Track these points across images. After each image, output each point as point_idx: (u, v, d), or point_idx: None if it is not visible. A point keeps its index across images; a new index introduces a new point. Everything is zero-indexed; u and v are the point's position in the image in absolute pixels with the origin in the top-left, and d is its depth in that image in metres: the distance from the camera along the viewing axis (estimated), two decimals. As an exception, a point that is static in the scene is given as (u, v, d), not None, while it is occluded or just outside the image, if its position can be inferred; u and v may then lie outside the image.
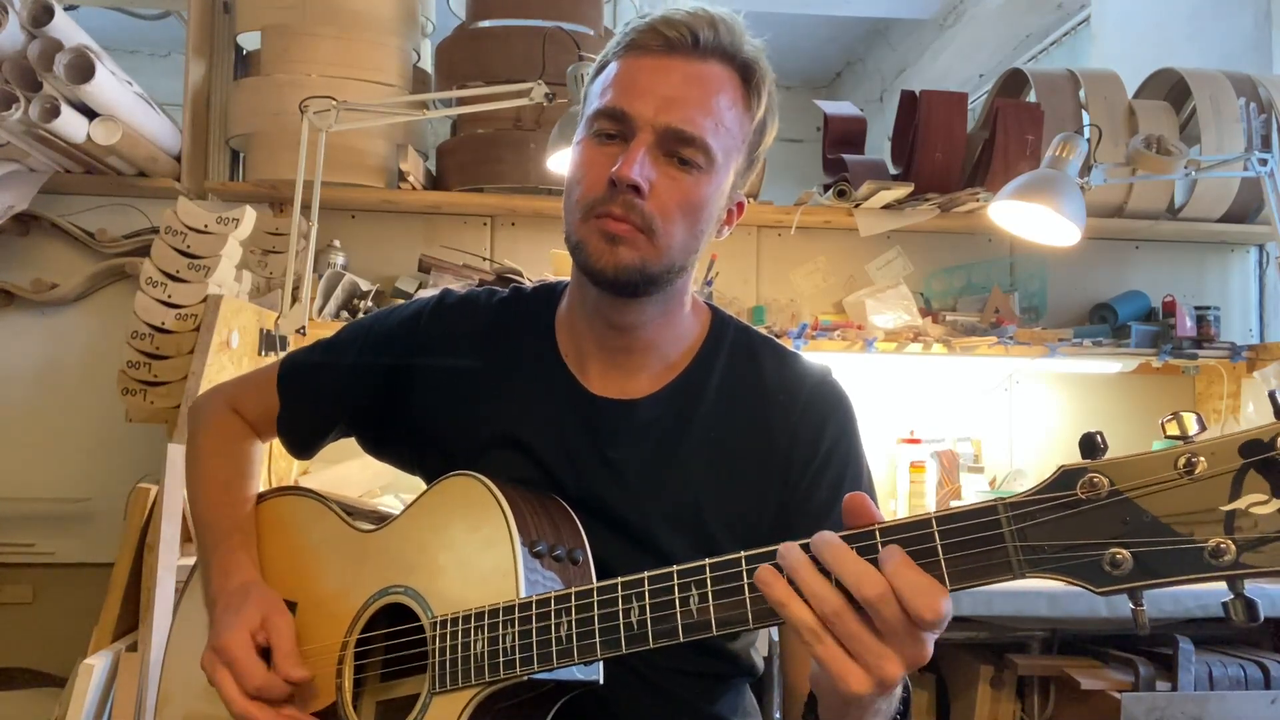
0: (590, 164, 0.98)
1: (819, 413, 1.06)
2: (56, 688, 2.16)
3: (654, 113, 0.95)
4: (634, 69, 0.98)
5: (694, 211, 0.98)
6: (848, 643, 0.70)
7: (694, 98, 0.96)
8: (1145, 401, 2.88)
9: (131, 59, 4.78)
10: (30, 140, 2.25)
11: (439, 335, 1.13)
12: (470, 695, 0.89)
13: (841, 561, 0.70)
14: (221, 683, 0.97)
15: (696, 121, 0.96)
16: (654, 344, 1.07)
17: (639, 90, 0.96)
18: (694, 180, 0.97)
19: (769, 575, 0.72)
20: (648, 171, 0.95)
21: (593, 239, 0.97)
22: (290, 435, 1.21)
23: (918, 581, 0.68)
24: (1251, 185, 2.61)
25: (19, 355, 2.56)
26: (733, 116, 0.99)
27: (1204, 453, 0.61)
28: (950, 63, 4.86)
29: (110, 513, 2.39)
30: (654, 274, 0.98)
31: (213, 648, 0.99)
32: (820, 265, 2.83)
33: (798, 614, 0.71)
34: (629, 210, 0.95)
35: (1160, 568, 0.62)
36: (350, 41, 2.48)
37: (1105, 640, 2.22)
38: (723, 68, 0.99)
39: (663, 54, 0.97)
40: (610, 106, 0.97)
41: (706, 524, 1.03)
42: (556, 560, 0.94)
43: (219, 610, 1.03)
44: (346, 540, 1.08)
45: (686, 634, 0.78)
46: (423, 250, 2.65)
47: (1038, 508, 0.66)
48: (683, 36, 0.97)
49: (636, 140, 0.95)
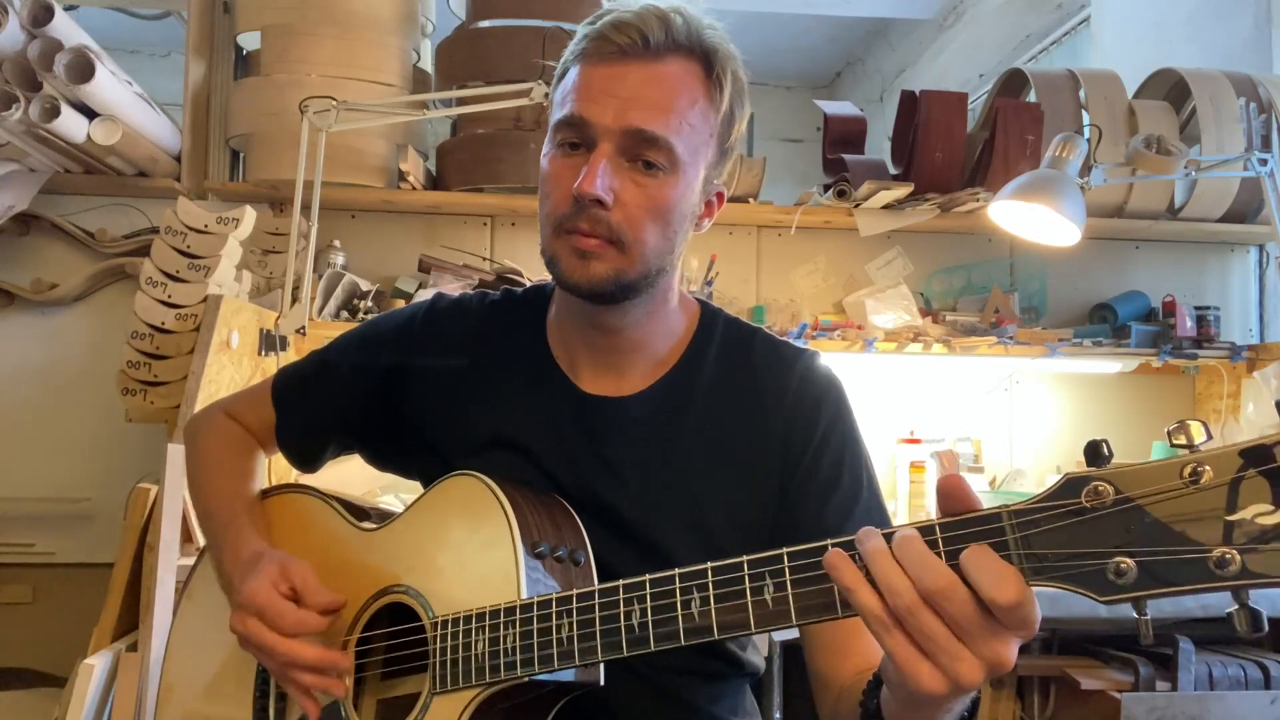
0: (556, 177, 0.97)
1: (813, 394, 1.06)
2: (56, 688, 2.15)
3: (613, 118, 0.94)
4: (590, 76, 0.96)
5: (663, 215, 0.97)
6: (921, 639, 0.67)
7: (653, 98, 0.95)
8: (1145, 402, 2.88)
9: (131, 59, 4.77)
10: (30, 140, 2.25)
11: (432, 340, 1.13)
12: (471, 696, 0.89)
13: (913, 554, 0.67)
14: (255, 632, 0.96)
15: (658, 121, 0.94)
16: (642, 342, 1.07)
17: (596, 96, 0.95)
18: (660, 183, 0.96)
19: (838, 559, 0.70)
20: (610, 182, 0.94)
21: (564, 255, 0.97)
22: (290, 446, 1.21)
23: (990, 567, 0.65)
24: (1251, 185, 2.61)
25: (19, 355, 2.56)
26: (696, 113, 0.97)
27: (1210, 462, 0.60)
28: (950, 63, 4.86)
29: (110, 513, 2.39)
30: (630, 281, 0.98)
31: (238, 605, 0.98)
32: (820, 265, 2.83)
33: (866, 601, 0.67)
34: (595, 224, 0.95)
35: (1165, 577, 0.62)
36: (350, 41, 2.48)
37: (1105, 640, 2.22)
38: (681, 63, 0.97)
39: (617, 60, 0.96)
40: (570, 115, 0.96)
41: (706, 517, 1.03)
42: (558, 561, 0.94)
43: (237, 579, 1.02)
44: (348, 538, 1.08)
45: (688, 637, 0.78)
46: (423, 250, 2.65)
47: (1042, 515, 0.66)
48: (634, 41, 0.95)
49: (597, 150, 0.94)
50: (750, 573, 0.76)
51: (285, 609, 0.96)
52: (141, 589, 1.82)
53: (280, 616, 0.96)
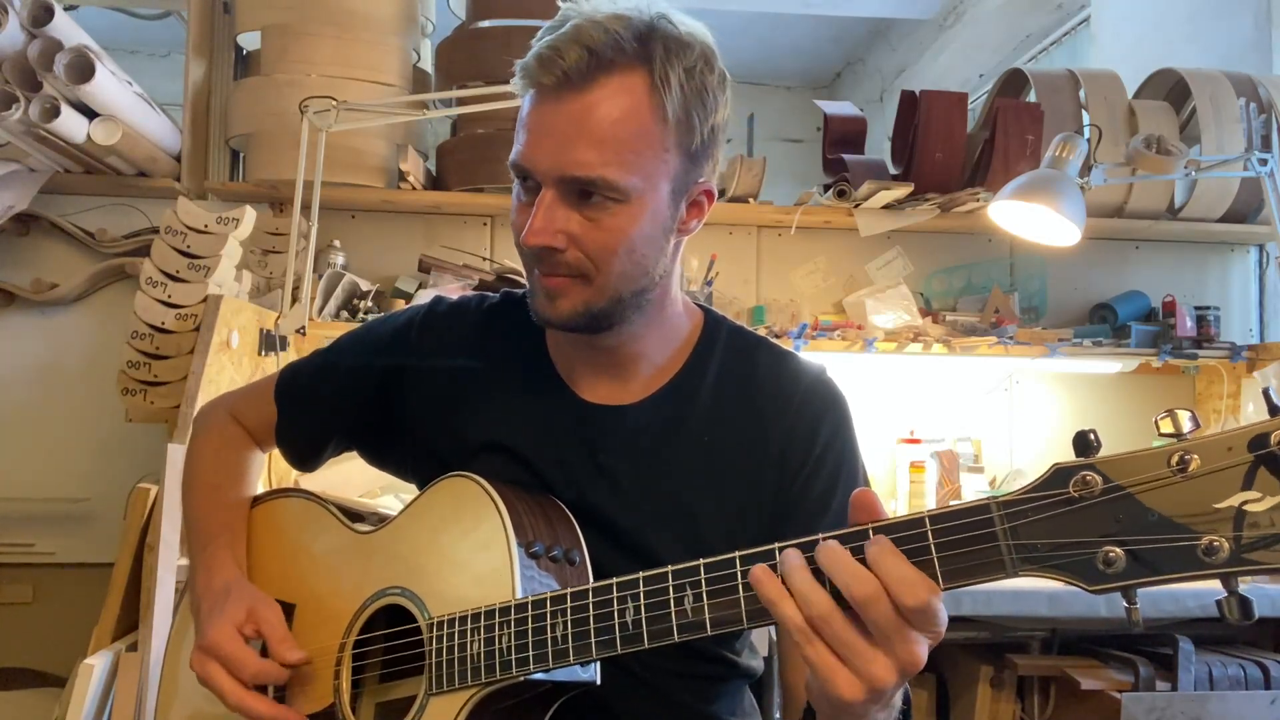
0: (518, 216, 0.98)
1: (814, 411, 1.06)
2: (56, 688, 2.16)
3: (549, 164, 0.92)
4: (531, 116, 0.94)
5: (623, 244, 0.94)
6: (836, 646, 0.69)
7: (581, 136, 0.90)
8: (1145, 401, 2.88)
9: (131, 59, 4.78)
10: (30, 140, 2.25)
11: (430, 342, 1.13)
12: (467, 696, 0.89)
13: (835, 563, 0.70)
14: (214, 677, 0.96)
15: (592, 162, 0.90)
16: (641, 353, 1.07)
17: (536, 140, 0.93)
18: (612, 215, 0.93)
19: (762, 574, 0.72)
20: (559, 225, 0.93)
21: (535, 293, 0.99)
22: (288, 444, 1.22)
23: (904, 574, 0.68)
24: (1251, 185, 2.61)
25: (19, 355, 2.56)
26: (639, 135, 0.91)
27: (1197, 450, 0.61)
28: (950, 63, 4.86)
29: (110, 513, 2.39)
30: (601, 310, 0.98)
31: (200, 647, 0.98)
32: (820, 265, 2.83)
33: (787, 614, 0.71)
34: (555, 266, 0.95)
35: (1154, 565, 0.62)
36: (350, 41, 2.48)
37: (1105, 640, 2.22)
38: (616, 82, 0.91)
39: (551, 96, 0.92)
40: (515, 162, 0.95)
41: (700, 528, 1.02)
42: (553, 561, 0.94)
43: (203, 611, 1.03)
44: (344, 542, 1.08)
45: (681, 634, 0.78)
46: (423, 250, 2.65)
47: (1031, 505, 0.67)
48: (558, 79, 0.90)
49: (540, 197, 0.93)
50: (743, 568, 0.76)
51: (247, 659, 0.96)
52: (141, 589, 1.82)
53: (241, 667, 0.96)
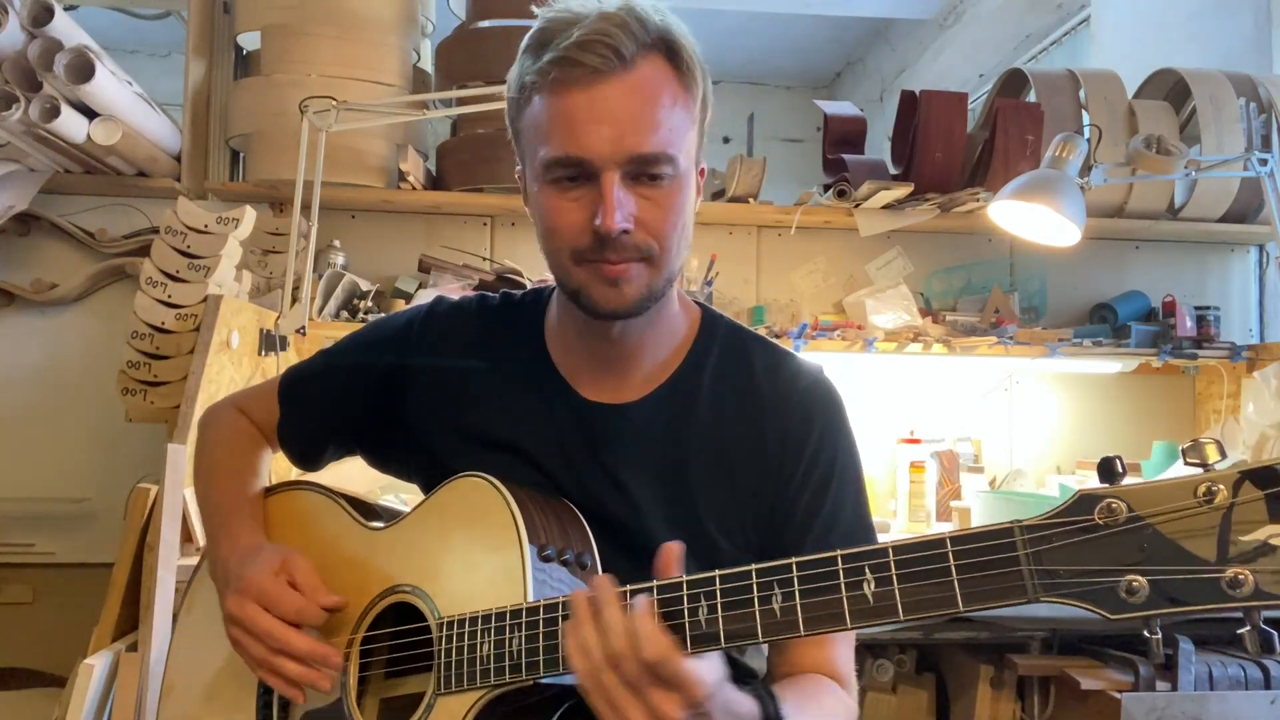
0: (560, 213, 0.95)
1: (808, 413, 1.06)
2: (56, 688, 2.15)
3: (611, 148, 0.91)
4: (569, 107, 0.92)
5: (679, 219, 0.97)
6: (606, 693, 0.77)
7: (641, 114, 0.92)
8: (1145, 402, 2.88)
9: (131, 59, 4.78)
10: (30, 140, 2.24)
11: (431, 343, 1.13)
12: (475, 698, 0.89)
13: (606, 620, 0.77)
14: (251, 616, 0.95)
15: (653, 138, 0.92)
16: (643, 348, 1.07)
17: (585, 129, 0.91)
18: (667, 191, 0.95)
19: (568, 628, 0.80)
20: (629, 209, 0.93)
21: (595, 285, 0.96)
22: (291, 444, 1.21)
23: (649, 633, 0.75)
24: (1251, 185, 2.61)
25: (19, 355, 2.56)
26: (678, 110, 0.95)
27: (1224, 481, 0.60)
28: (950, 63, 4.86)
29: (110, 513, 2.39)
30: (659, 291, 0.99)
31: (238, 591, 0.98)
32: (820, 265, 2.83)
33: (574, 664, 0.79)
34: (624, 251, 0.94)
35: (1176, 596, 0.62)
36: (350, 41, 2.47)
37: (1105, 640, 2.22)
38: (650, 63, 0.93)
39: (592, 81, 0.91)
40: (563, 155, 0.92)
41: (704, 526, 1.03)
42: (565, 565, 0.94)
43: (233, 565, 1.02)
44: (355, 537, 1.08)
45: (694, 645, 0.78)
46: (423, 250, 2.65)
47: (1054, 531, 0.66)
48: (606, 58, 0.90)
49: (605, 182, 0.92)
50: (759, 581, 0.76)
51: (289, 597, 0.96)
52: (141, 589, 1.82)
53: (280, 600, 0.96)
